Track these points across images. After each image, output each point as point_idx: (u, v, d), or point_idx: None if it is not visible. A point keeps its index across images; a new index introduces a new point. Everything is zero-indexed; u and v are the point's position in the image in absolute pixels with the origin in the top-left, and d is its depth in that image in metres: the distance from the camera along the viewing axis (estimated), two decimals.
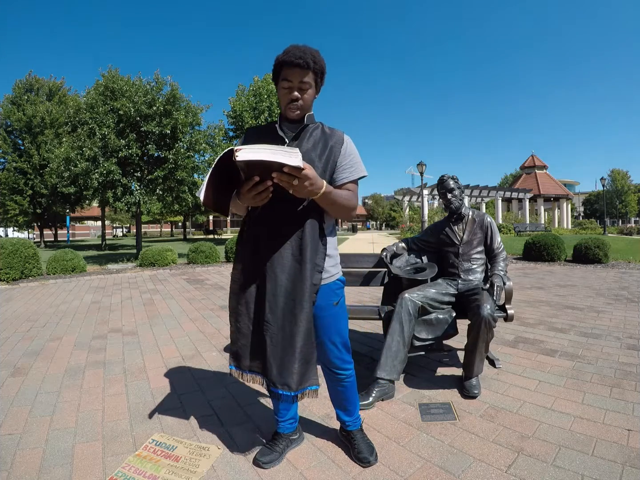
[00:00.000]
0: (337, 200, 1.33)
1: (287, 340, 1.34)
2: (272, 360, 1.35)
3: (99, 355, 2.96)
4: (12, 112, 20.69)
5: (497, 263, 2.53)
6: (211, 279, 7.17)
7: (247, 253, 1.43)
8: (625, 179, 55.39)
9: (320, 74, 1.38)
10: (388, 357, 2.13)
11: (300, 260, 1.34)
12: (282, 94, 1.37)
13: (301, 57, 1.29)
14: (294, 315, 1.33)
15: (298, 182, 1.16)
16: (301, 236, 1.35)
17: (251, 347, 1.42)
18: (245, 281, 1.42)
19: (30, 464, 1.58)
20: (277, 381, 1.34)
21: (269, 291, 1.34)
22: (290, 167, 1.11)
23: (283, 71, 1.33)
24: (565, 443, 1.65)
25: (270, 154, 1.09)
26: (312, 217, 1.37)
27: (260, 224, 1.39)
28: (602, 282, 6.12)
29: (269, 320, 1.35)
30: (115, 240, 37.13)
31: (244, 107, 20.82)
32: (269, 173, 1.15)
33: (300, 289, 1.33)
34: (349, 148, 1.44)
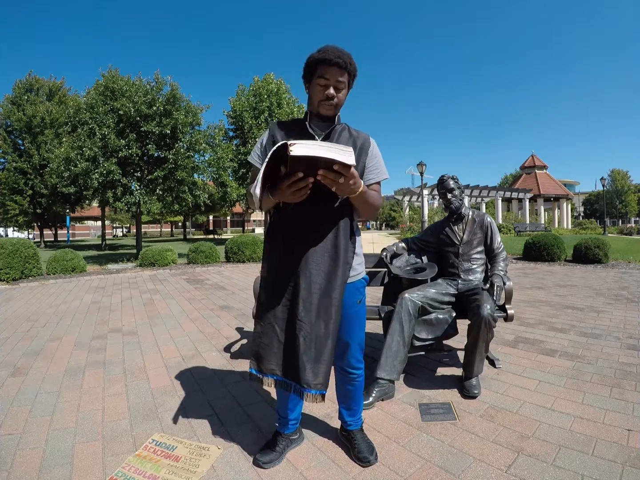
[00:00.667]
0: (369, 200, 1.36)
1: (321, 338, 1.34)
2: (305, 360, 1.32)
3: (99, 355, 2.96)
4: (12, 112, 20.69)
5: (497, 263, 2.53)
6: (211, 279, 7.17)
7: (278, 251, 1.42)
8: (625, 179, 55.39)
9: (353, 76, 1.41)
10: (388, 357, 2.13)
11: (336, 258, 1.35)
12: (317, 91, 1.38)
13: (339, 56, 1.32)
14: (328, 312, 1.34)
15: (344, 180, 1.16)
16: (336, 234, 1.37)
17: (275, 349, 1.39)
18: (276, 279, 1.41)
19: (30, 464, 1.58)
20: (312, 382, 1.32)
21: (303, 289, 1.34)
22: (340, 165, 1.11)
23: (319, 69, 1.35)
24: (565, 443, 1.65)
25: (326, 150, 1.08)
26: (345, 215, 1.39)
27: (294, 222, 1.38)
28: (602, 282, 6.12)
29: (302, 318, 1.33)
30: (115, 240, 37.13)
31: (244, 107, 20.82)
32: (314, 169, 1.13)
33: (335, 286, 1.34)
34: (375, 150, 1.49)
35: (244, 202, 21.86)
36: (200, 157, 13.51)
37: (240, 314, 4.25)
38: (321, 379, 1.33)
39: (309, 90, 1.42)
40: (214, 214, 40.52)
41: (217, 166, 14.26)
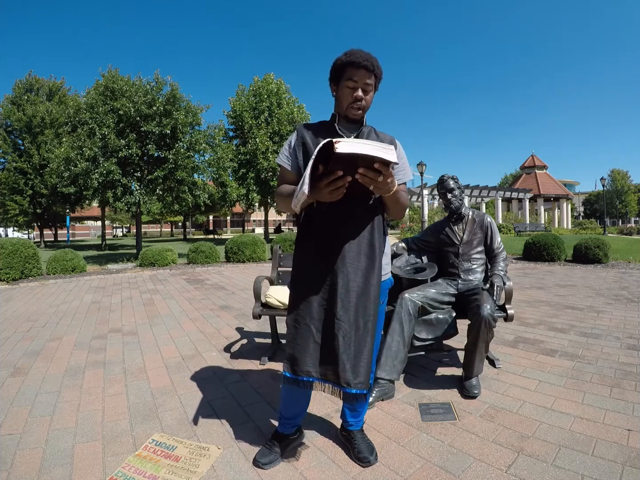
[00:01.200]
0: (400, 199, 1.38)
1: (361, 336, 1.34)
2: (345, 359, 1.32)
3: (99, 355, 2.96)
4: (12, 112, 20.70)
5: (497, 263, 2.53)
6: (211, 279, 7.17)
7: (311, 251, 1.41)
8: (625, 179, 55.41)
9: (380, 79, 1.44)
10: (388, 357, 2.13)
11: (372, 256, 1.37)
12: (345, 93, 1.40)
13: (367, 59, 1.35)
14: (367, 311, 1.35)
15: (383, 178, 1.16)
16: (372, 232, 1.38)
17: (311, 351, 1.37)
18: (309, 280, 1.40)
19: (30, 464, 1.58)
20: (352, 381, 1.31)
21: (340, 287, 1.34)
22: (381, 164, 1.12)
23: (347, 71, 1.37)
24: (565, 443, 1.65)
25: (370, 148, 1.08)
26: (379, 214, 1.41)
27: (329, 221, 1.38)
28: (602, 282, 6.12)
29: (341, 317, 1.33)
30: (115, 240, 37.14)
31: (244, 107, 20.84)
32: (354, 168, 1.13)
33: (373, 284, 1.36)
34: (401, 152, 1.51)
35: (244, 202, 21.85)
36: (200, 157, 13.52)
37: (240, 314, 4.25)
38: (362, 378, 1.33)
39: (337, 93, 1.44)
40: (214, 214, 40.55)
41: (217, 166, 14.26)
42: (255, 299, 2.69)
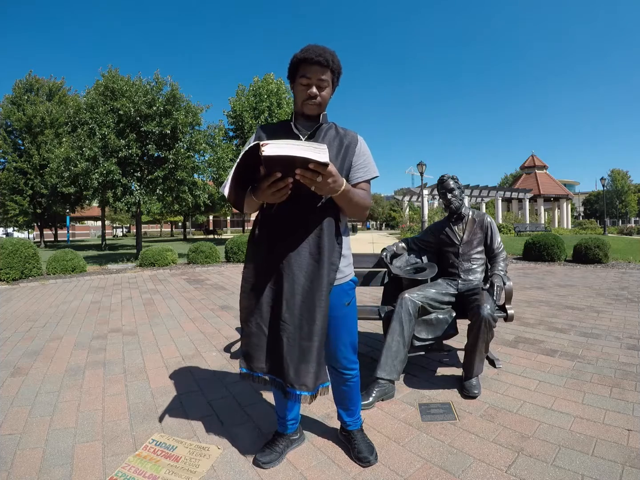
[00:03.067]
0: (354, 199, 1.33)
1: (305, 339, 1.33)
2: (288, 361, 1.33)
3: (99, 355, 2.96)
4: (12, 112, 20.68)
5: (497, 263, 2.53)
6: (211, 279, 7.17)
7: (261, 252, 1.41)
8: (625, 179, 55.39)
9: (337, 74, 1.41)
10: (388, 357, 2.13)
11: (319, 259, 1.34)
12: (299, 90, 1.38)
13: (321, 54, 1.32)
14: (312, 314, 1.33)
15: (322, 179, 1.15)
16: (319, 235, 1.35)
17: (263, 348, 1.39)
18: (259, 281, 1.41)
19: (30, 464, 1.58)
20: (295, 382, 1.32)
21: (286, 290, 1.33)
22: (316, 164, 1.10)
23: (301, 68, 1.35)
24: (565, 443, 1.65)
25: (298, 149, 1.06)
26: (329, 215, 1.37)
27: (277, 222, 1.37)
28: (602, 282, 6.12)
29: (286, 319, 1.33)
30: (115, 240, 37.14)
31: (244, 107, 20.83)
32: (292, 169, 1.12)
33: (318, 287, 1.33)
34: (363, 148, 1.46)
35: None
36: (200, 157, 13.53)
37: None
38: (306, 380, 1.32)
39: (293, 90, 1.42)
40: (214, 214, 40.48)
41: (217, 166, 14.26)
42: None
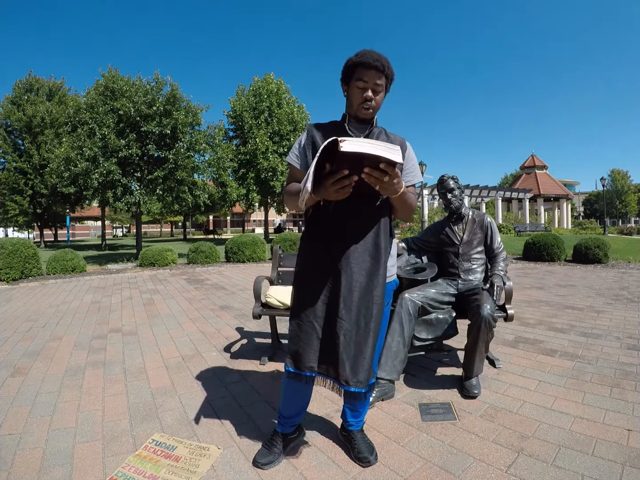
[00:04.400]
0: (408, 201, 1.38)
1: (362, 336, 1.35)
2: (344, 358, 1.34)
3: (99, 355, 2.96)
4: (12, 112, 20.68)
5: (497, 263, 2.53)
6: (211, 279, 7.17)
7: (317, 250, 1.42)
8: (625, 179, 55.40)
9: (391, 80, 1.44)
10: (388, 357, 2.13)
11: (377, 257, 1.37)
12: (355, 93, 1.41)
13: (378, 60, 1.36)
14: (369, 311, 1.35)
15: (388, 179, 1.16)
16: (377, 233, 1.38)
17: (315, 347, 1.39)
18: (314, 278, 1.42)
19: (30, 464, 1.58)
20: (351, 379, 1.33)
21: (344, 287, 1.34)
22: (387, 164, 1.11)
23: (358, 72, 1.38)
24: (565, 443, 1.65)
25: (374, 147, 1.08)
26: (385, 215, 1.41)
27: (335, 221, 1.38)
28: (602, 282, 6.12)
29: (342, 316, 1.34)
30: (115, 240, 37.14)
31: (244, 107, 20.84)
32: (359, 167, 1.13)
33: (377, 285, 1.36)
34: (411, 153, 1.52)
35: (244, 202, 21.84)
36: (200, 157, 13.53)
37: (240, 314, 4.25)
38: (361, 377, 1.34)
39: (347, 93, 1.45)
40: (214, 214, 40.52)
41: (217, 166, 14.26)
42: (255, 299, 2.69)
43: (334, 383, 1.37)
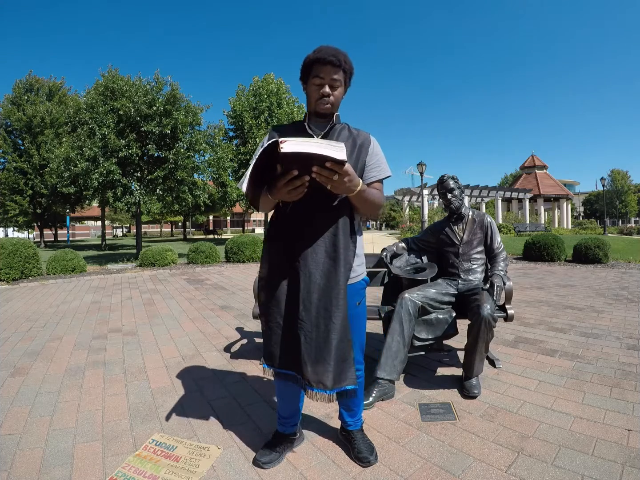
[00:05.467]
0: (369, 198, 1.35)
1: (322, 337, 1.34)
2: (306, 358, 1.34)
3: (99, 355, 2.96)
4: (12, 112, 20.67)
5: (497, 263, 2.53)
6: (211, 279, 7.17)
7: (277, 251, 1.42)
8: (625, 179, 55.39)
9: (350, 74, 1.42)
10: (388, 357, 2.13)
11: (335, 257, 1.35)
12: (312, 90, 1.40)
13: (334, 55, 1.34)
14: (328, 312, 1.34)
15: (338, 177, 1.15)
16: (335, 233, 1.36)
17: (284, 346, 1.41)
18: (276, 280, 1.42)
19: (30, 464, 1.58)
20: (313, 379, 1.33)
21: (302, 288, 1.34)
22: (333, 162, 1.10)
23: (314, 68, 1.37)
24: (565, 443, 1.65)
25: (316, 147, 1.07)
26: (345, 214, 1.38)
27: (292, 221, 1.38)
28: (602, 282, 6.12)
29: (302, 317, 1.34)
30: (115, 240, 37.13)
31: (244, 107, 20.82)
32: (308, 167, 1.12)
33: (335, 286, 1.34)
34: (376, 148, 1.48)
35: (244, 202, 21.86)
36: (200, 157, 13.52)
37: (240, 314, 4.25)
38: (323, 378, 1.33)
39: (306, 91, 1.44)
40: (214, 214, 40.51)
41: (217, 166, 14.27)
42: (255, 299, 2.69)
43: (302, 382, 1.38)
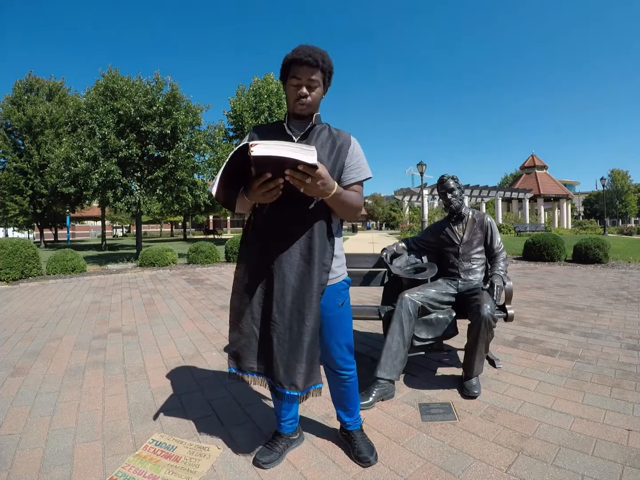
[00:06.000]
0: (346, 201, 1.33)
1: (295, 339, 1.34)
2: (278, 360, 1.34)
3: (99, 355, 2.96)
4: (12, 112, 20.66)
5: (497, 263, 2.53)
6: (211, 279, 7.17)
7: (252, 252, 1.42)
8: (625, 179, 55.39)
9: (329, 73, 1.40)
10: (388, 357, 2.13)
11: (309, 259, 1.34)
12: (290, 91, 1.38)
13: (310, 55, 1.32)
14: (301, 314, 1.33)
15: (311, 180, 1.15)
16: (310, 236, 1.35)
17: (253, 348, 1.41)
18: (250, 281, 1.42)
19: (30, 464, 1.58)
20: (284, 381, 1.33)
21: (276, 290, 1.34)
22: (305, 165, 1.10)
23: (292, 69, 1.35)
24: (565, 443, 1.65)
25: (286, 150, 1.07)
26: (321, 217, 1.37)
27: (268, 223, 1.38)
28: (602, 282, 6.12)
29: (276, 319, 1.34)
30: (115, 240, 37.13)
31: (244, 107, 20.81)
32: (281, 170, 1.13)
33: (309, 288, 1.33)
34: (356, 149, 1.46)
35: None
36: (200, 157, 13.52)
37: None
38: (295, 380, 1.33)
39: (285, 91, 1.43)
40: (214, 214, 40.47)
41: (217, 166, 14.25)
42: None
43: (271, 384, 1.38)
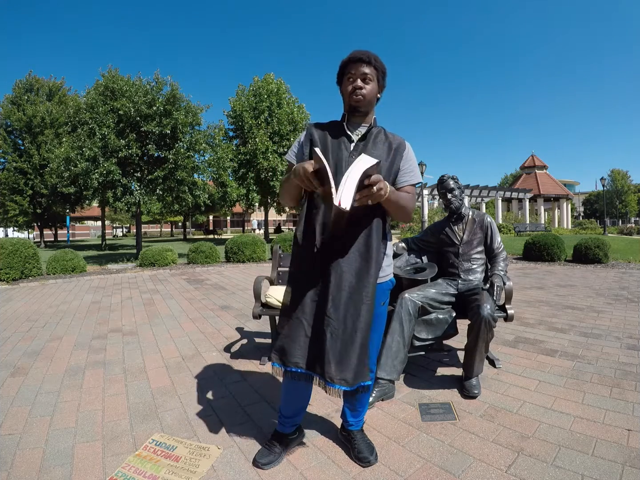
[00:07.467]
0: (400, 202, 1.39)
1: (348, 335, 1.36)
2: (330, 355, 1.35)
3: (99, 355, 2.96)
4: (12, 112, 20.66)
5: (497, 263, 2.53)
6: (211, 279, 7.17)
7: (309, 248, 1.44)
8: (625, 179, 55.40)
9: (382, 72, 1.46)
10: (388, 357, 2.13)
11: (367, 257, 1.39)
12: (346, 87, 1.44)
13: (363, 53, 1.41)
14: (357, 310, 1.36)
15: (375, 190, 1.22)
16: (369, 234, 1.40)
17: (302, 343, 1.41)
18: (305, 277, 1.44)
19: (30, 464, 1.58)
20: (335, 376, 1.34)
21: (333, 286, 1.36)
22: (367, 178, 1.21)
23: (347, 68, 1.43)
24: (565, 443, 1.65)
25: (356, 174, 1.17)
26: (378, 216, 1.42)
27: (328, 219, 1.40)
28: (602, 282, 6.12)
29: (330, 314, 1.36)
30: (115, 240, 37.10)
31: (244, 107, 20.82)
32: None
33: (366, 285, 1.37)
34: (410, 153, 1.53)
35: (244, 202, 21.86)
36: (200, 157, 13.51)
37: (240, 314, 4.25)
38: (347, 375, 1.35)
39: (342, 90, 1.48)
40: (214, 214, 40.49)
41: (217, 166, 14.25)
42: (255, 299, 2.69)
43: (319, 379, 1.38)
